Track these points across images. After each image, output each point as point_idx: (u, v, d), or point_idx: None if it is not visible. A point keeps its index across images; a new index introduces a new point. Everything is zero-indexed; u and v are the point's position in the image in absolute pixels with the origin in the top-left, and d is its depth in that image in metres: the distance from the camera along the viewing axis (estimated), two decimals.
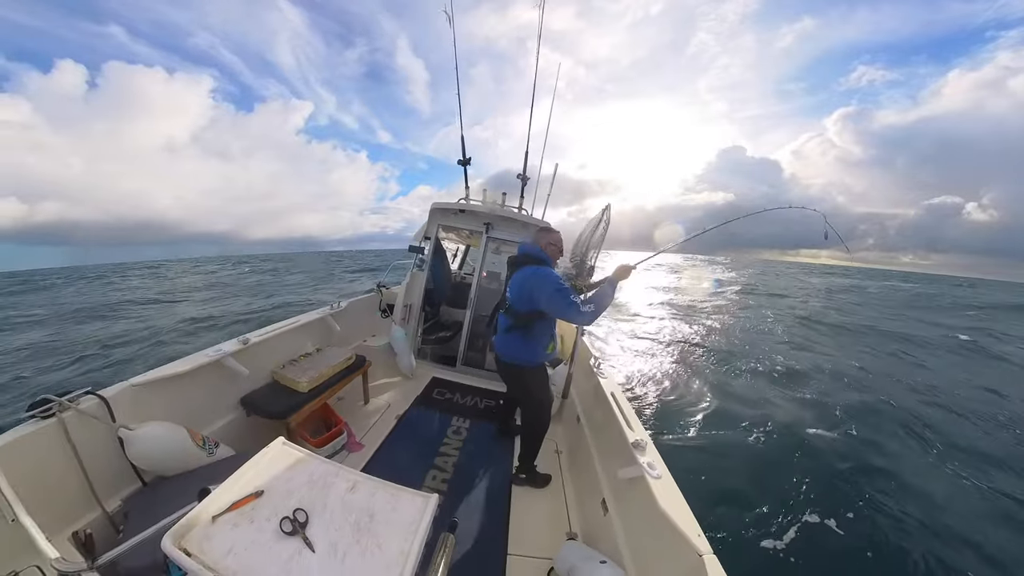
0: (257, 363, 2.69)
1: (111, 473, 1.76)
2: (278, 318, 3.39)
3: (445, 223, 4.54)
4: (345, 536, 1.03)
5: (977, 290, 50.32)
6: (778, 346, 10.95)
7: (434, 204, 4.39)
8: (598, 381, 2.89)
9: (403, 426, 3.23)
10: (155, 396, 1.98)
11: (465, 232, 4.97)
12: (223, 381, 2.45)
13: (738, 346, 10.77)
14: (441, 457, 2.89)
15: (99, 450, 1.70)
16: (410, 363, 4.07)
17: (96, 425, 1.68)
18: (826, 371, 8.70)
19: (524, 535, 2.28)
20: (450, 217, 4.48)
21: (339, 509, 1.10)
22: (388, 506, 1.14)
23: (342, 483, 1.19)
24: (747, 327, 13.61)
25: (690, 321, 14.59)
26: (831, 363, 9.34)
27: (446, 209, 4.37)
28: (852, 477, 4.71)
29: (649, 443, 2.03)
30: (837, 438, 5.68)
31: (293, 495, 1.11)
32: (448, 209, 4.37)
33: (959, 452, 5.56)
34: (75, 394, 1.64)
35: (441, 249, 4.78)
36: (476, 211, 4.33)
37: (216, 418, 2.41)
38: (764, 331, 13.16)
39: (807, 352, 10.43)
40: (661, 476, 1.79)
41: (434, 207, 4.38)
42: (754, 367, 8.74)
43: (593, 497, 2.32)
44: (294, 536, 1.00)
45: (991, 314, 22.34)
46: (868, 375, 8.71)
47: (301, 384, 2.69)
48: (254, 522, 1.01)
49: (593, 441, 2.74)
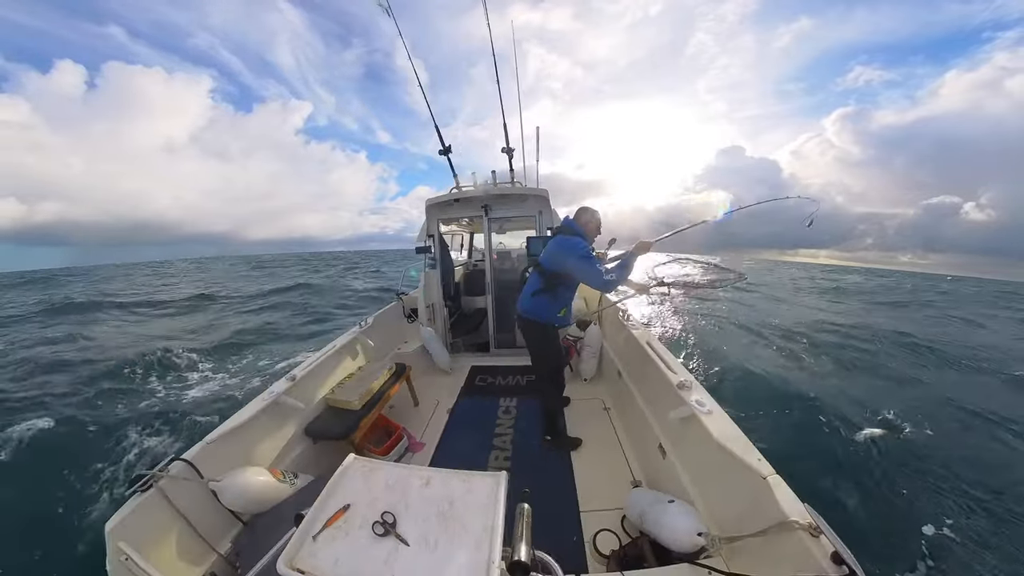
0: (309, 394, 2.84)
1: (215, 522, 1.94)
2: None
3: (443, 216, 4.54)
4: (432, 526, 1.12)
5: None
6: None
7: (428, 201, 4.39)
8: (630, 333, 2.92)
9: (456, 418, 3.38)
10: (229, 447, 2.14)
11: (465, 220, 4.96)
12: (284, 418, 2.61)
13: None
14: (498, 438, 3.02)
15: (199, 505, 1.87)
16: (446, 359, 4.20)
17: (190, 485, 1.85)
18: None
19: (592, 492, 2.39)
20: (447, 209, 4.46)
21: (420, 504, 1.20)
22: (463, 491, 1.23)
23: (416, 480, 1.28)
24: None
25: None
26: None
27: (442, 202, 4.36)
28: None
29: (694, 382, 2.06)
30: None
31: (377, 501, 1.21)
32: (443, 201, 4.36)
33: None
34: (163, 464, 1.80)
35: (443, 243, 4.80)
36: (470, 196, 4.30)
37: (288, 452, 2.58)
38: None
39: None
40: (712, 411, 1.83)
41: (429, 203, 4.38)
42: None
43: (650, 444, 2.40)
44: (387, 536, 1.10)
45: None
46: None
47: (354, 403, 2.83)
48: (349, 533, 1.12)
49: (638, 391, 2.80)
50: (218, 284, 27.07)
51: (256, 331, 11.28)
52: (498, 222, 4.68)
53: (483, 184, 4.36)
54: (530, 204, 4.37)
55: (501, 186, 4.38)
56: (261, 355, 8.89)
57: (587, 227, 2.64)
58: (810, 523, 1.25)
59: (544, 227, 4.31)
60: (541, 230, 4.33)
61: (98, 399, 6.27)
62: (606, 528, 2.10)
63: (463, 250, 6.99)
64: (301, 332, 11.26)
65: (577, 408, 3.33)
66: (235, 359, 8.65)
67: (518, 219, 4.64)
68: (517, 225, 5.13)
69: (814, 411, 5.61)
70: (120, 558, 1.50)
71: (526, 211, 4.41)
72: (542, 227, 4.32)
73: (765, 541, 1.37)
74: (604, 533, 2.08)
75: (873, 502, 3.88)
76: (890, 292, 28.99)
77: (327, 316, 13.52)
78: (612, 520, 2.15)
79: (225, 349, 9.32)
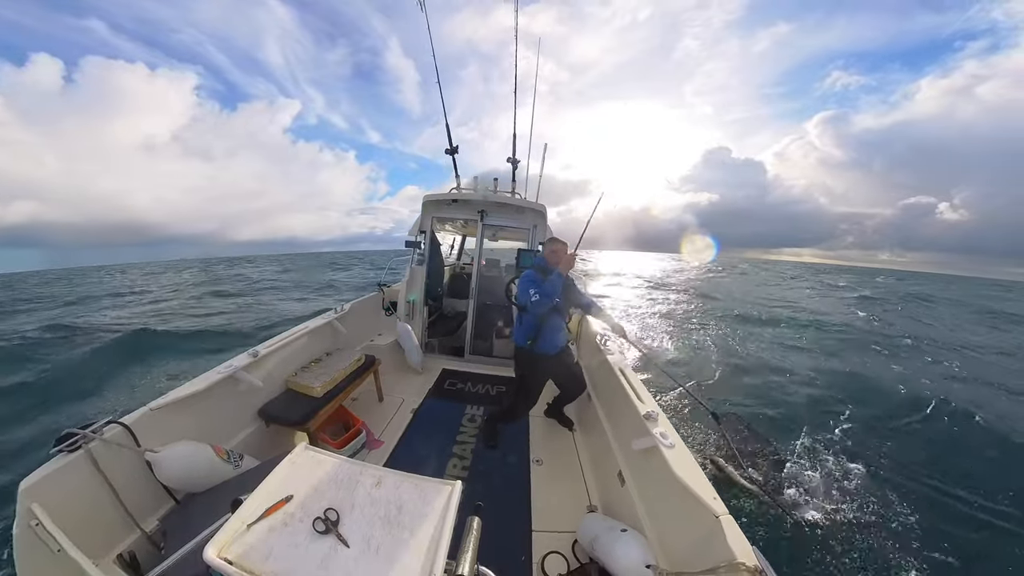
0: (270, 374, 2.73)
1: (144, 496, 1.81)
2: None
3: (439, 215, 4.51)
4: (377, 529, 1.07)
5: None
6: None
7: (426, 196, 4.36)
8: (605, 358, 2.93)
9: (419, 419, 3.30)
10: (174, 417, 2.03)
11: (460, 222, 4.94)
12: (239, 395, 2.50)
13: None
14: (459, 445, 2.96)
15: (129, 475, 1.75)
16: (419, 358, 4.12)
17: (123, 452, 1.73)
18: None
19: (546, 512, 2.35)
20: (443, 208, 4.44)
21: (368, 505, 1.14)
22: (414, 497, 1.18)
23: (367, 479, 1.23)
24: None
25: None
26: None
27: (439, 200, 4.34)
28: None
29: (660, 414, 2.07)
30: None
31: (322, 496, 1.15)
32: (441, 200, 4.33)
33: None
34: (97, 424, 1.68)
35: (435, 241, 4.78)
36: (469, 199, 4.29)
37: (237, 431, 2.46)
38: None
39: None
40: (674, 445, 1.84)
41: (427, 199, 4.35)
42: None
43: (610, 470, 2.38)
44: (328, 535, 1.04)
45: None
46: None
47: (315, 389, 2.73)
48: (288, 525, 1.05)
49: (605, 416, 2.80)
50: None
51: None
52: (492, 229, 4.68)
53: (483, 189, 4.36)
54: (526, 217, 4.39)
55: (500, 194, 4.39)
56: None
57: (549, 257, 2.77)
58: (756, 566, 1.25)
59: (536, 241, 4.33)
60: (533, 244, 4.35)
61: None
62: (556, 550, 2.07)
63: (452, 251, 6.95)
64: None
65: (543, 426, 3.31)
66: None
67: (512, 229, 4.65)
68: (511, 235, 5.14)
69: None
70: (30, 522, 1.38)
71: (521, 223, 4.43)
72: (534, 241, 4.35)
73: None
74: (553, 555, 2.04)
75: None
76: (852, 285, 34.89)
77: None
78: (563, 543, 2.11)
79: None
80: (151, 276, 34.19)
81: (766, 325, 13.69)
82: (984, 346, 12.22)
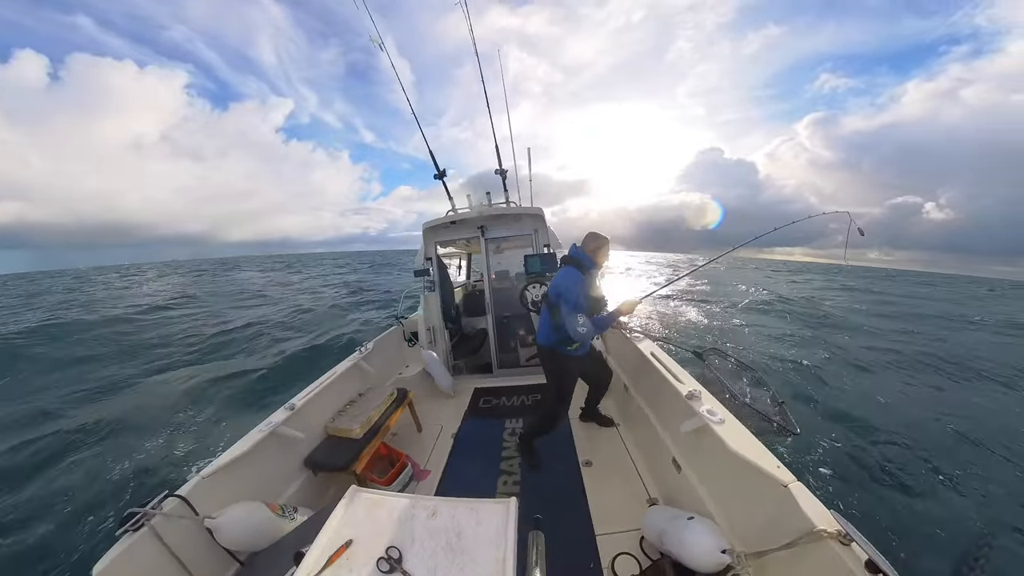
0: (308, 424, 2.76)
1: (209, 562, 1.84)
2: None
3: (440, 239, 4.56)
4: (440, 560, 1.05)
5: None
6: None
7: (425, 224, 4.41)
8: (635, 345, 2.88)
9: (461, 443, 3.28)
10: (226, 481, 2.06)
11: (463, 241, 4.98)
12: (283, 450, 2.53)
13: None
14: (505, 462, 2.92)
15: (193, 545, 1.77)
16: (449, 382, 4.12)
17: (183, 523, 1.76)
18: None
19: (607, 513, 2.29)
20: (444, 231, 4.49)
21: (427, 537, 1.13)
22: (472, 521, 1.16)
23: (422, 511, 1.22)
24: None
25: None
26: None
27: (438, 225, 4.39)
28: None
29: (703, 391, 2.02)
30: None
31: (381, 536, 1.14)
32: (439, 224, 4.38)
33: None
34: (155, 501, 1.72)
35: (442, 265, 4.81)
36: (466, 218, 4.33)
37: (287, 485, 2.49)
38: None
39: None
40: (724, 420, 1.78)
41: (426, 227, 4.40)
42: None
43: (663, 459, 2.32)
44: (393, 573, 1.03)
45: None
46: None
47: (355, 431, 2.75)
48: (352, 571, 1.05)
49: (647, 405, 2.73)
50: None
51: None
52: (495, 242, 4.71)
53: (478, 205, 4.40)
54: (525, 223, 4.40)
55: (496, 206, 4.42)
56: None
57: (595, 255, 2.61)
58: (839, 531, 1.19)
59: (540, 245, 4.33)
60: (538, 247, 4.34)
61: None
62: (624, 551, 2.00)
63: (460, 272, 7.00)
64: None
65: (586, 427, 3.25)
66: None
67: (514, 238, 4.66)
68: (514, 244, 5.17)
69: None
70: None
71: (522, 230, 4.44)
72: (538, 245, 4.35)
73: (794, 554, 1.30)
74: (623, 556, 1.98)
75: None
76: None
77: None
78: (630, 542, 2.05)
79: None
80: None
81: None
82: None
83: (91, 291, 28.07)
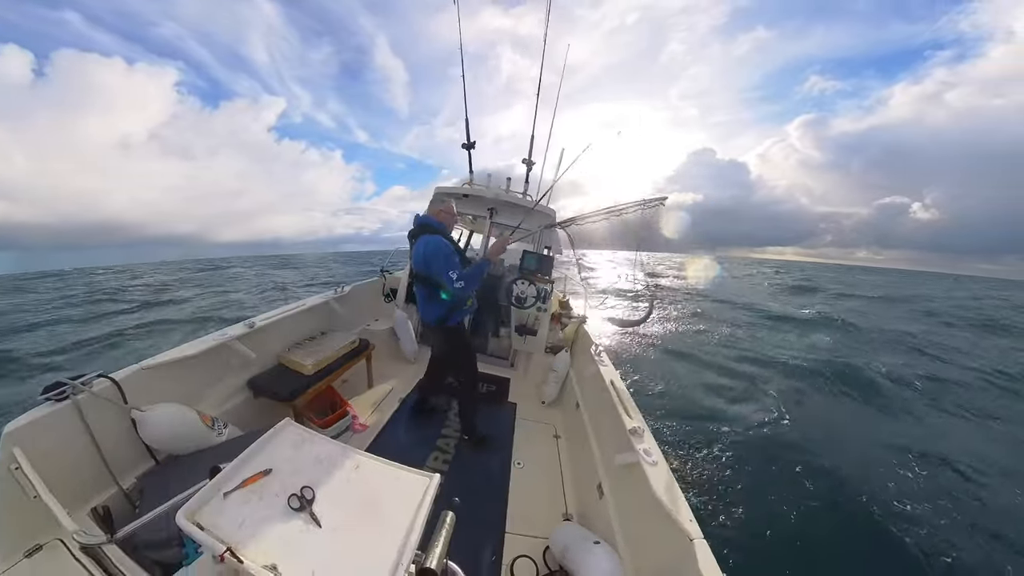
0: (263, 346, 2.73)
1: (125, 452, 1.82)
2: None
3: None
4: (350, 512, 1.07)
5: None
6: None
7: (438, 188, 4.36)
8: (598, 368, 2.92)
9: (405, 409, 3.30)
10: (165, 379, 2.03)
11: (469, 217, 4.94)
12: (230, 364, 2.50)
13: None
14: (443, 439, 2.95)
15: (113, 431, 1.75)
16: (413, 348, 4.12)
17: (109, 407, 1.73)
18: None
19: (522, 515, 2.35)
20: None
21: (345, 486, 1.14)
22: (391, 485, 1.18)
23: (347, 462, 1.23)
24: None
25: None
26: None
27: (451, 193, 4.34)
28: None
29: (646, 430, 2.07)
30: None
31: (300, 473, 1.15)
32: (452, 193, 4.33)
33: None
34: (88, 377, 1.68)
35: None
36: (481, 196, 4.29)
37: (224, 400, 2.47)
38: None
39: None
40: (657, 463, 1.83)
41: (438, 191, 4.35)
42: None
43: (590, 481, 2.38)
44: (301, 512, 1.04)
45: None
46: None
47: (307, 367, 2.74)
48: (263, 499, 1.06)
49: (591, 427, 2.79)
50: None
51: None
52: (500, 228, 4.68)
53: (496, 187, 4.36)
54: (534, 219, 4.38)
55: (512, 194, 4.39)
56: None
57: (442, 217, 2.65)
58: None
59: (542, 245, 4.34)
60: (539, 247, 4.35)
61: None
62: (526, 555, 2.06)
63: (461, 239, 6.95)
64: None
65: (528, 430, 3.30)
66: None
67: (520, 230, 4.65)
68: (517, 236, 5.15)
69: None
70: (10, 465, 1.39)
71: (530, 225, 4.42)
72: (540, 245, 4.36)
73: None
74: (524, 559, 2.04)
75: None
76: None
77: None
78: (535, 548, 2.11)
79: None
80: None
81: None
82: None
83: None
